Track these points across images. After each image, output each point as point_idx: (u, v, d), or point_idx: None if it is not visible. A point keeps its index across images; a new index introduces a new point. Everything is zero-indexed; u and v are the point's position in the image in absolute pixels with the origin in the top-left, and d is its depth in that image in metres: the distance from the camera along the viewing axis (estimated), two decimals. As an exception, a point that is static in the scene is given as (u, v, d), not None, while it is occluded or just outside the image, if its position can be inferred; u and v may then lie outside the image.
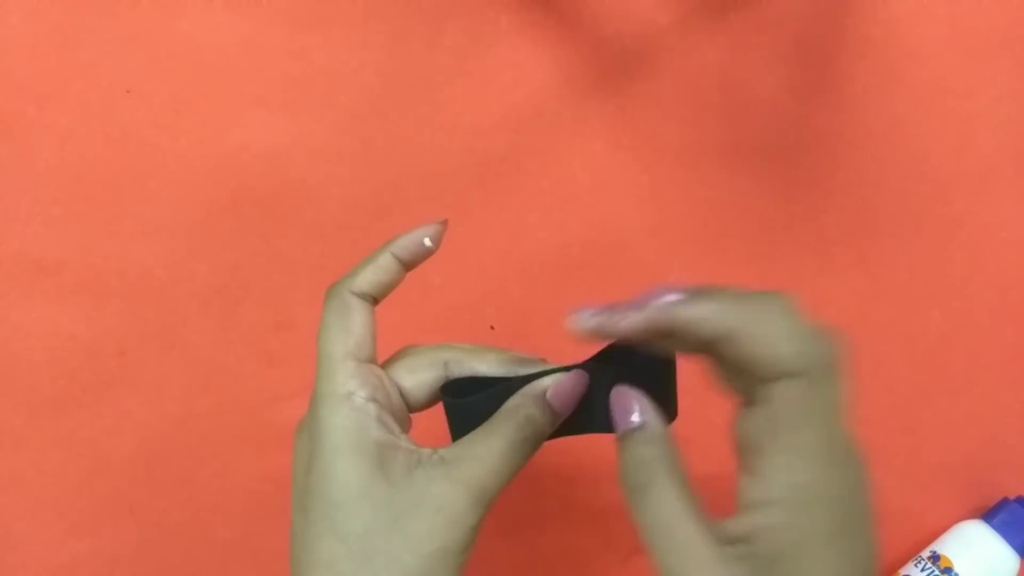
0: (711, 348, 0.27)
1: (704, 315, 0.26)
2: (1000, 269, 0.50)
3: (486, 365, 0.33)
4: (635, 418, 0.29)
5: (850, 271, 0.50)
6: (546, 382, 0.31)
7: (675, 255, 0.50)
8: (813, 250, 0.50)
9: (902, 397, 0.51)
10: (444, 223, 0.33)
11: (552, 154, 0.50)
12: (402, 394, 0.32)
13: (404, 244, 0.33)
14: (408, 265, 0.33)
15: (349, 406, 0.30)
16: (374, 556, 0.28)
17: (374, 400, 0.30)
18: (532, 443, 0.31)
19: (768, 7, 0.49)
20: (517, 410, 0.31)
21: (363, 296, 0.32)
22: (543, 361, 0.33)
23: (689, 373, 0.50)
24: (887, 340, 0.50)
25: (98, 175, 0.49)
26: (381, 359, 0.33)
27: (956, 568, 0.50)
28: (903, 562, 0.52)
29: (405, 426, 0.32)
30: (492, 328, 0.51)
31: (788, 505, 0.25)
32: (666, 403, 0.32)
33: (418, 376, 0.33)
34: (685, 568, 0.26)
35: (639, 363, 0.31)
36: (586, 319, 0.28)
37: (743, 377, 0.27)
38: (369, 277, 0.33)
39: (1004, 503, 0.51)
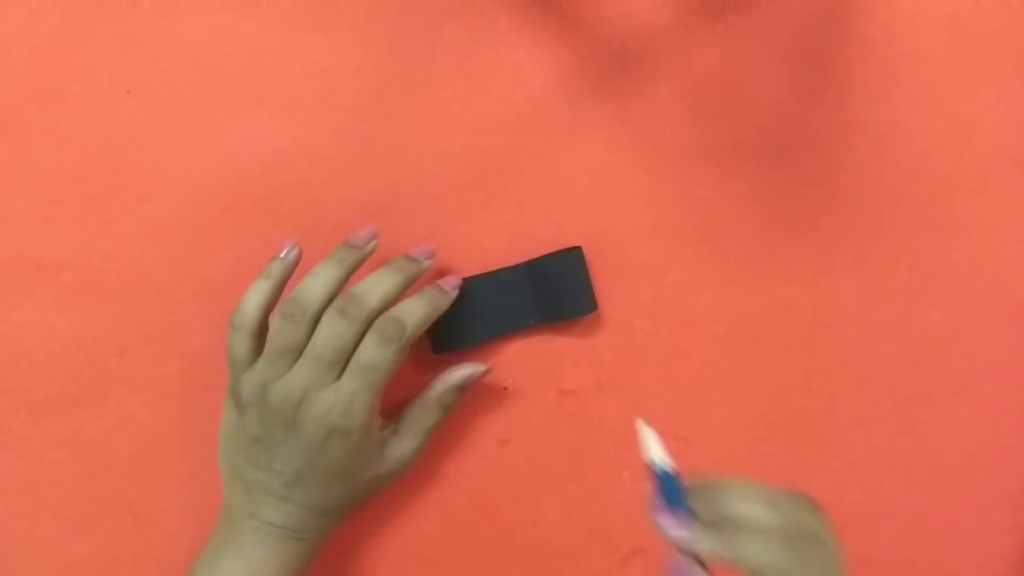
0: None
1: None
2: (1000, 269, 0.50)
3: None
4: None
5: (850, 271, 0.50)
6: (460, 375, 0.48)
7: (675, 255, 0.50)
8: (813, 250, 0.50)
9: (902, 397, 0.51)
10: None
11: (552, 154, 0.50)
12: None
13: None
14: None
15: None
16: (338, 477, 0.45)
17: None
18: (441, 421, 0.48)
19: (768, 8, 0.49)
20: (441, 398, 0.47)
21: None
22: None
23: (687, 375, 0.50)
24: (887, 340, 0.50)
25: (98, 175, 0.49)
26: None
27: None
28: (903, 563, 0.52)
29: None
30: (492, 328, 0.50)
31: None
32: (585, 296, 0.49)
33: None
34: None
35: (556, 267, 0.48)
36: (670, 530, 0.35)
37: None
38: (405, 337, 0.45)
39: None
